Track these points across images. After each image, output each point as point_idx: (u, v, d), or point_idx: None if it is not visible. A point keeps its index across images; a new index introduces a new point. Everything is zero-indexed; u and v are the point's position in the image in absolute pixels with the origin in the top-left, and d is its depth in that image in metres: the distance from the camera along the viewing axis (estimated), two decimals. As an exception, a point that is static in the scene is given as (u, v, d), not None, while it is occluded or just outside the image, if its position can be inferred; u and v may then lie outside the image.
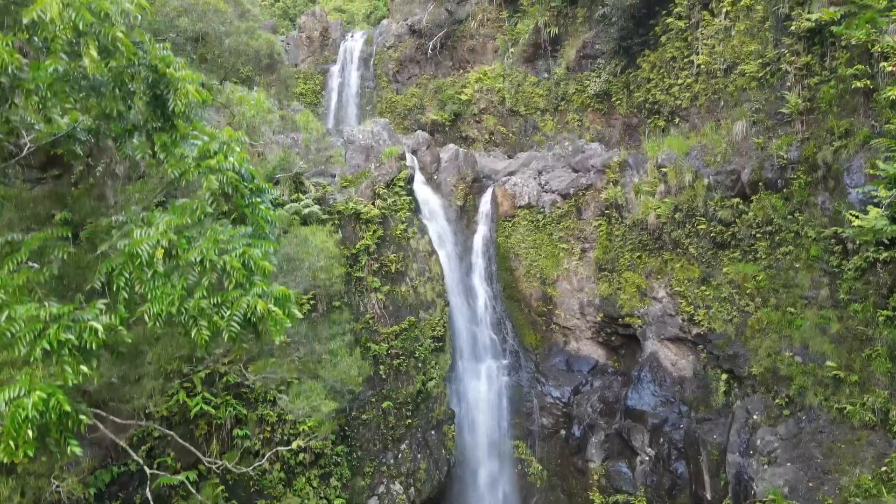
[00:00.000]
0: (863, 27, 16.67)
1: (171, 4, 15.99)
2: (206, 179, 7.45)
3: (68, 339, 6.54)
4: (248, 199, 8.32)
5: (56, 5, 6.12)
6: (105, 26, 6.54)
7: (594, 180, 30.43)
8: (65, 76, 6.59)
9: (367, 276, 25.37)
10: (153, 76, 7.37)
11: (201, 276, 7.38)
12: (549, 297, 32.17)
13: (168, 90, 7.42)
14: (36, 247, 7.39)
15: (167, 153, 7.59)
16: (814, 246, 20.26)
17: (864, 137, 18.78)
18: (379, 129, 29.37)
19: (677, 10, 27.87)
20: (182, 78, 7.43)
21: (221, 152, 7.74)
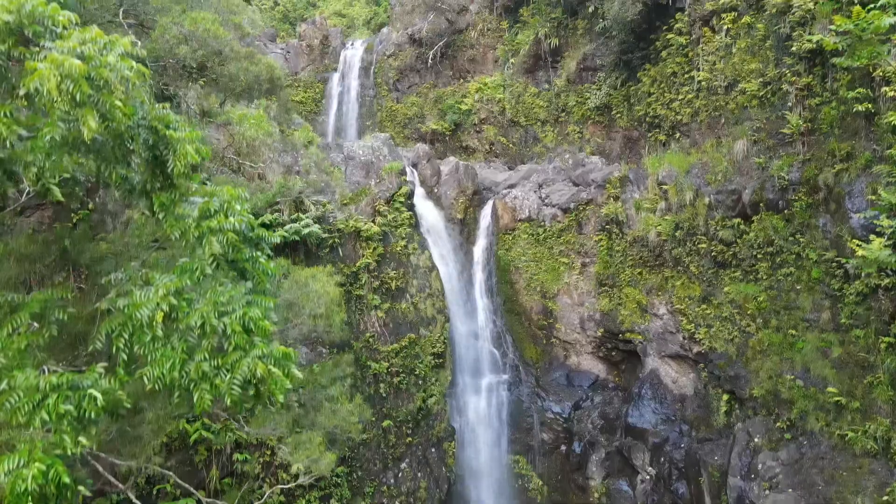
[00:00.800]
0: (863, 59, 16.60)
1: (171, 33, 15.92)
2: (207, 241, 7.40)
3: (67, 410, 6.51)
4: (249, 252, 8.28)
5: (54, 78, 6.08)
6: (104, 94, 6.49)
7: (595, 195, 30.39)
8: (63, 142, 6.54)
9: (367, 294, 25.32)
10: (153, 137, 7.32)
11: (201, 338, 7.34)
12: (549, 311, 32.13)
13: (167, 151, 7.37)
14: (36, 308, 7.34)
15: (166, 213, 7.54)
16: (815, 268, 20.22)
17: (865, 161, 18.73)
18: (379, 145, 29.34)
19: (678, 26, 27.82)
20: (181, 138, 7.38)
21: (222, 211, 7.69)
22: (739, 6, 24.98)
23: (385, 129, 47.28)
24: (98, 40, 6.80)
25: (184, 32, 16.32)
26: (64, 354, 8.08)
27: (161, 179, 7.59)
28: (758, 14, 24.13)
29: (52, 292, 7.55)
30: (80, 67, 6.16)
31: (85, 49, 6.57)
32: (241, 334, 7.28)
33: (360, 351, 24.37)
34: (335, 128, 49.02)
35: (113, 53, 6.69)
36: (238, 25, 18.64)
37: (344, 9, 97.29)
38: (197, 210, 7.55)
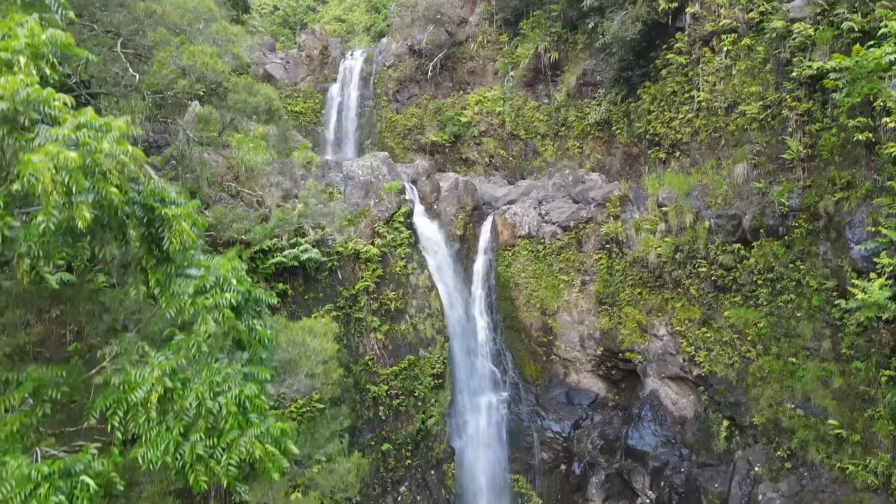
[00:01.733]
0: (863, 94, 16.54)
1: (170, 67, 15.86)
2: (203, 319, 7.35)
3: (60, 500, 6.45)
4: (246, 319, 8.22)
5: (48, 172, 6.02)
6: (99, 182, 6.43)
7: (594, 213, 30.34)
8: (57, 229, 6.48)
9: (366, 317, 25.26)
10: (148, 215, 7.27)
11: (197, 417, 7.28)
12: (549, 328, 32.09)
13: (163, 228, 7.31)
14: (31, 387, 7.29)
15: (162, 290, 7.48)
16: (815, 296, 20.16)
17: (866, 191, 18.67)
18: (378, 164, 29.27)
19: (678, 46, 27.73)
20: (177, 215, 7.32)
21: (218, 286, 7.63)
22: (739, 28, 24.90)
23: (385, 139, 47.29)
24: (93, 123, 6.73)
25: (182, 66, 16.25)
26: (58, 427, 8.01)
27: (157, 255, 7.52)
28: (758, 37, 24.06)
29: (46, 370, 7.49)
30: (74, 160, 6.10)
31: (80, 135, 6.51)
32: (237, 415, 7.23)
33: (360, 374, 24.31)
34: (335, 138, 48.98)
35: (108, 138, 6.63)
36: (236, 55, 18.57)
37: (344, 14, 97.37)
38: (192, 286, 7.48)
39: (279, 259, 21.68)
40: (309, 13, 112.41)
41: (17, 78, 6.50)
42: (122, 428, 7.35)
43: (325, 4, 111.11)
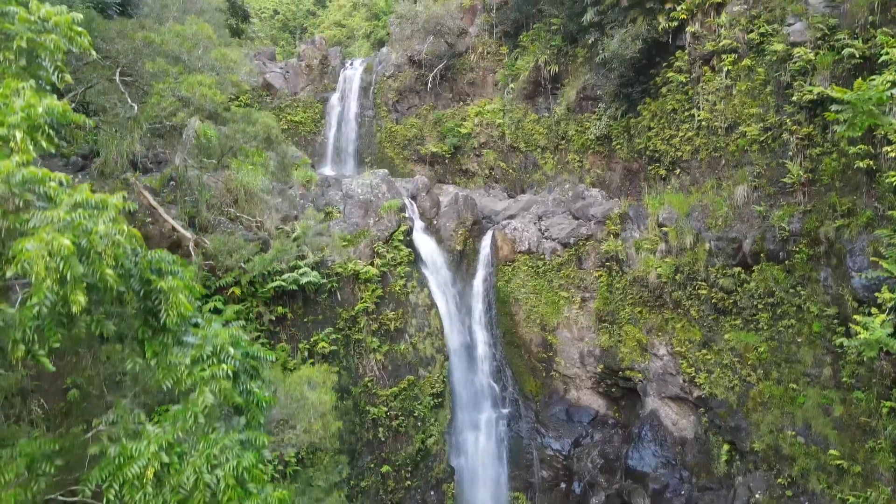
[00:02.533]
0: (864, 128, 16.48)
1: (168, 100, 15.81)
2: (200, 391, 7.30)
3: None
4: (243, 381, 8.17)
5: (42, 260, 5.96)
6: (94, 264, 6.37)
7: (594, 231, 30.27)
8: (52, 310, 6.42)
9: (365, 338, 25.21)
10: (145, 289, 7.21)
11: (194, 490, 7.22)
12: (549, 344, 32.02)
13: (160, 302, 7.26)
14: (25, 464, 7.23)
15: (159, 360, 7.43)
16: (816, 322, 20.10)
17: (867, 219, 18.61)
18: (378, 181, 29.21)
19: (678, 64, 27.67)
20: (174, 288, 7.26)
21: (215, 355, 7.58)
22: (739, 48, 24.83)
23: (384, 150, 47.24)
24: (89, 201, 6.68)
25: (180, 96, 16.20)
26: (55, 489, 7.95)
27: (153, 326, 7.47)
28: (758, 58, 23.98)
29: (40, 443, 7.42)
30: (68, 247, 6.04)
31: (75, 216, 6.46)
32: (235, 487, 7.17)
33: (359, 396, 24.26)
34: (334, 148, 48.92)
35: (104, 218, 6.57)
36: (236, 83, 18.51)
37: (344, 19, 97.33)
38: (189, 357, 7.42)
39: (278, 283, 21.62)
40: (309, 17, 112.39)
41: (12, 160, 6.44)
42: (117, 502, 7.29)
43: (325, 9, 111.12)
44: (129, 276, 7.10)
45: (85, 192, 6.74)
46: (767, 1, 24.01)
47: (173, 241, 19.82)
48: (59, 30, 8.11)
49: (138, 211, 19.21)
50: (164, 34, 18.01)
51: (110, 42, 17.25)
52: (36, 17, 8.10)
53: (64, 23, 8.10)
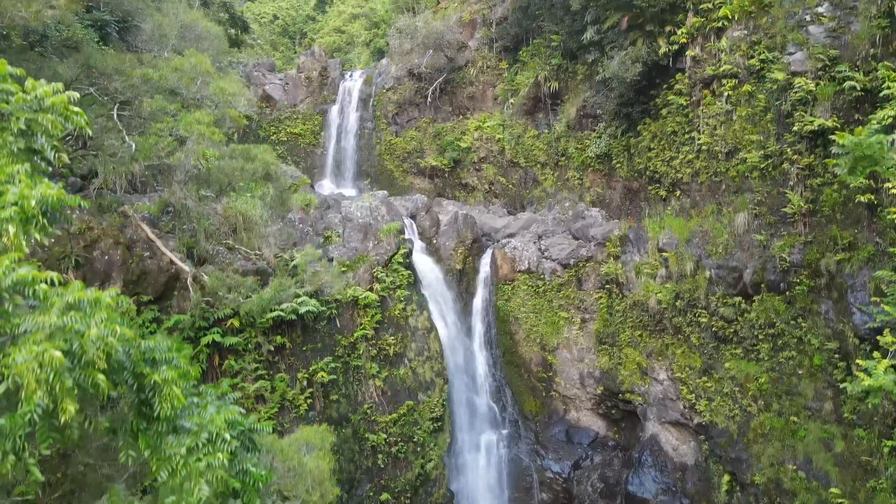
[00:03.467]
0: (865, 174, 16.39)
1: (166, 141, 15.73)
2: (196, 483, 7.20)
3: None
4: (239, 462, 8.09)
5: (32, 373, 5.87)
6: (86, 370, 6.29)
7: (594, 252, 30.19)
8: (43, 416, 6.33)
9: (364, 364, 25.11)
10: (138, 382, 7.13)
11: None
12: (549, 364, 31.94)
13: (153, 394, 7.17)
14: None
15: (153, 451, 7.34)
16: (817, 355, 20.00)
17: (868, 254, 18.51)
18: (377, 204, 29.12)
19: (678, 87, 27.55)
20: (168, 381, 7.17)
21: (211, 443, 7.49)
22: (740, 74, 24.73)
23: (384, 162, 47.16)
24: (82, 301, 6.59)
25: (177, 136, 16.11)
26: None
27: (147, 415, 7.37)
28: (759, 84, 23.88)
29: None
30: (59, 360, 5.96)
31: (67, 320, 6.37)
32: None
33: (358, 424, 24.16)
34: (334, 160, 48.86)
35: (96, 319, 6.48)
36: (234, 119, 18.42)
37: (344, 25, 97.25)
38: (185, 447, 7.33)
39: (277, 313, 21.52)
40: (308, 23, 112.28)
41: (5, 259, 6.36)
42: None
43: (325, 14, 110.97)
44: (122, 368, 7.01)
45: (77, 291, 6.65)
46: (768, 27, 23.91)
47: (171, 274, 19.74)
48: (56, 109, 8.02)
49: (136, 244, 19.12)
50: (162, 69, 17.93)
51: (108, 78, 17.15)
52: (32, 97, 8.01)
53: (60, 103, 8.01)
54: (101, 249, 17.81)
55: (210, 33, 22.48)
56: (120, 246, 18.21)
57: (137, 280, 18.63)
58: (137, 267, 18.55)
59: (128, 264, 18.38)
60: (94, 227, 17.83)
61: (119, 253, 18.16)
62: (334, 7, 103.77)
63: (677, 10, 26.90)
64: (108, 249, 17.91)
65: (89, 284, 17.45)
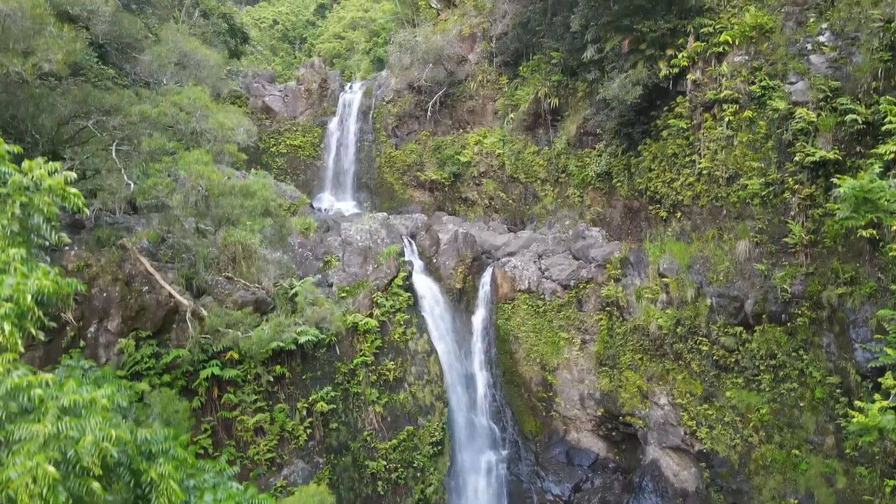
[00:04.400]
0: (867, 219, 16.32)
1: (165, 181, 15.65)
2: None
3: None
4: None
5: (26, 490, 5.80)
6: (81, 479, 6.22)
7: (595, 274, 30.10)
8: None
9: (364, 390, 25.03)
10: (135, 479, 7.05)
11: None
12: (549, 384, 31.87)
13: (150, 490, 7.10)
14: None
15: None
16: (819, 388, 19.94)
17: (870, 290, 18.44)
18: (377, 226, 29.04)
19: (678, 110, 27.45)
20: (164, 476, 7.10)
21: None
22: (741, 99, 24.64)
23: (384, 174, 47.08)
24: (77, 405, 6.52)
25: (176, 177, 16.03)
26: None
27: (144, 508, 7.29)
28: (760, 110, 23.79)
29: None
30: (52, 475, 5.88)
31: (62, 427, 6.29)
32: None
33: (358, 451, 24.10)
34: (334, 173, 48.79)
35: (91, 424, 6.41)
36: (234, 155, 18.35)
37: (343, 31, 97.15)
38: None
39: (276, 344, 21.42)
40: (308, 28, 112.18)
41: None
42: None
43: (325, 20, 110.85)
44: (119, 465, 6.93)
45: (71, 393, 6.57)
46: (769, 54, 23.83)
47: (170, 307, 19.66)
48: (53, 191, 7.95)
49: (135, 279, 19.03)
50: (160, 104, 17.85)
51: (107, 114, 17.06)
52: (29, 178, 7.94)
53: (57, 185, 7.94)
54: (99, 286, 17.73)
55: (209, 62, 22.39)
56: (118, 282, 18.13)
57: (136, 316, 18.55)
58: (136, 302, 18.46)
59: (126, 300, 18.30)
60: (92, 265, 17.76)
61: (118, 289, 18.08)
62: (334, 13, 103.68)
63: (678, 34, 26.79)
64: (106, 286, 17.83)
65: (87, 322, 17.43)
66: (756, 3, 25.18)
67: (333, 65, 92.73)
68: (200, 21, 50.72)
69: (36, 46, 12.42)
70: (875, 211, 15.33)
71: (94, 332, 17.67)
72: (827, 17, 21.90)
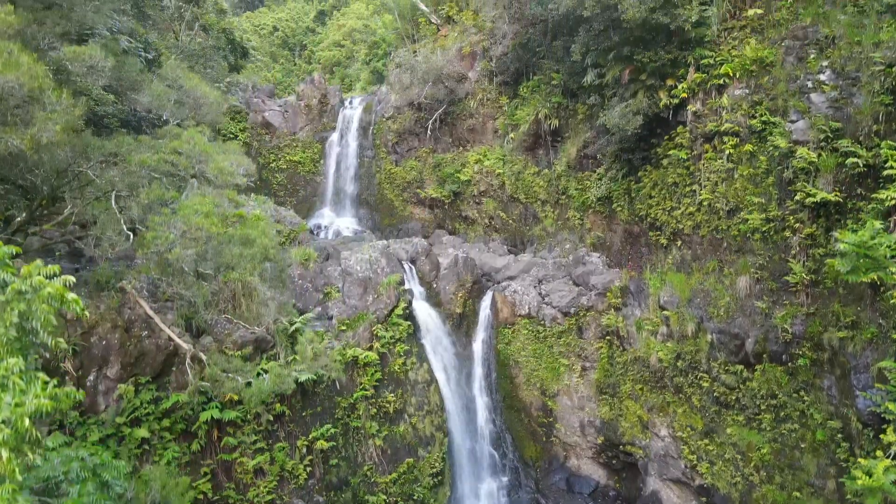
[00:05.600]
0: (868, 276, 16.27)
1: (163, 237, 15.60)
2: None
3: None
4: None
5: None
6: None
7: (595, 302, 30.07)
8: None
9: (364, 423, 24.99)
10: None
11: None
12: (549, 410, 31.87)
13: None
14: None
15: None
16: (820, 430, 19.89)
17: (870, 335, 18.39)
18: (377, 256, 28.97)
19: (679, 140, 27.38)
20: None
21: None
22: (741, 132, 24.58)
23: (384, 191, 47.10)
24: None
25: (177, 231, 15.99)
26: None
27: None
28: (760, 144, 23.72)
29: None
30: None
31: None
32: None
33: (358, 486, 24.06)
34: (334, 188, 48.83)
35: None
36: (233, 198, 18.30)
37: (343, 39, 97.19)
38: None
39: (277, 384, 21.36)
40: (308, 35, 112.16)
41: None
42: None
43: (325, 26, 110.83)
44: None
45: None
46: (770, 88, 23.77)
47: (170, 351, 19.62)
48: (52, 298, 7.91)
49: (134, 324, 19.00)
50: (160, 150, 17.81)
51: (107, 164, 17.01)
52: (28, 285, 7.90)
53: (56, 292, 7.90)
54: (98, 335, 17.69)
55: (208, 99, 22.33)
56: (118, 329, 18.09)
57: (135, 361, 18.51)
58: (136, 349, 18.43)
59: (126, 346, 18.26)
60: (91, 312, 17.72)
61: (117, 336, 18.04)
62: (334, 20, 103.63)
63: (678, 65, 26.73)
64: (105, 334, 17.79)
65: (86, 371, 17.39)
66: (756, 36, 25.13)
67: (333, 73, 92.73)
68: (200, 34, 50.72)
69: (35, 118, 12.37)
70: (876, 269, 15.28)
71: (93, 379, 17.63)
72: (827, 54, 21.83)
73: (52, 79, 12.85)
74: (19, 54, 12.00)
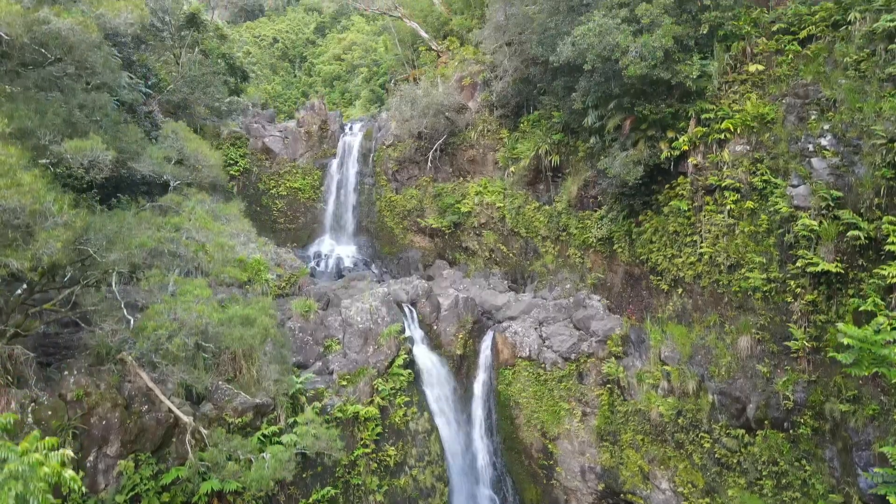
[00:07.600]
0: (871, 370, 16.26)
1: (164, 326, 15.55)
2: None
3: None
4: None
5: None
6: None
7: (596, 349, 30.01)
8: None
9: (364, 480, 24.97)
10: None
11: None
12: (549, 452, 31.80)
13: None
14: None
15: None
16: (821, 501, 19.87)
17: (872, 412, 18.37)
18: (377, 304, 28.94)
19: (679, 190, 27.35)
20: None
21: None
22: (742, 189, 24.55)
23: (384, 219, 47.04)
24: None
25: (176, 317, 15.95)
26: None
27: None
28: (762, 202, 23.69)
29: None
30: None
31: None
32: None
33: (358, 546, 24.04)
34: (334, 216, 48.78)
35: None
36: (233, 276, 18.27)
37: (343, 53, 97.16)
38: None
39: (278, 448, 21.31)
40: (308, 47, 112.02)
41: None
42: None
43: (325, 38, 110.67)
44: None
45: None
46: (771, 146, 23.73)
47: (170, 423, 19.60)
48: (49, 477, 7.89)
49: (135, 399, 18.98)
50: (162, 228, 17.78)
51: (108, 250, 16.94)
52: (25, 464, 7.89)
53: (53, 471, 7.88)
54: (98, 415, 17.66)
55: (209, 160, 22.31)
56: (118, 407, 18.06)
57: (136, 438, 18.48)
58: (136, 426, 18.40)
59: (126, 424, 18.22)
60: (91, 392, 17.68)
61: (117, 415, 18.01)
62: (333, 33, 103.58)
63: (679, 117, 26.70)
64: (105, 413, 17.76)
65: (86, 452, 17.33)
66: (757, 91, 25.10)
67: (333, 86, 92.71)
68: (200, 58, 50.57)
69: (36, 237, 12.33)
70: (879, 364, 15.26)
71: (93, 460, 17.59)
72: (828, 117, 21.79)
73: (52, 184, 12.79)
74: (20, 174, 11.96)
